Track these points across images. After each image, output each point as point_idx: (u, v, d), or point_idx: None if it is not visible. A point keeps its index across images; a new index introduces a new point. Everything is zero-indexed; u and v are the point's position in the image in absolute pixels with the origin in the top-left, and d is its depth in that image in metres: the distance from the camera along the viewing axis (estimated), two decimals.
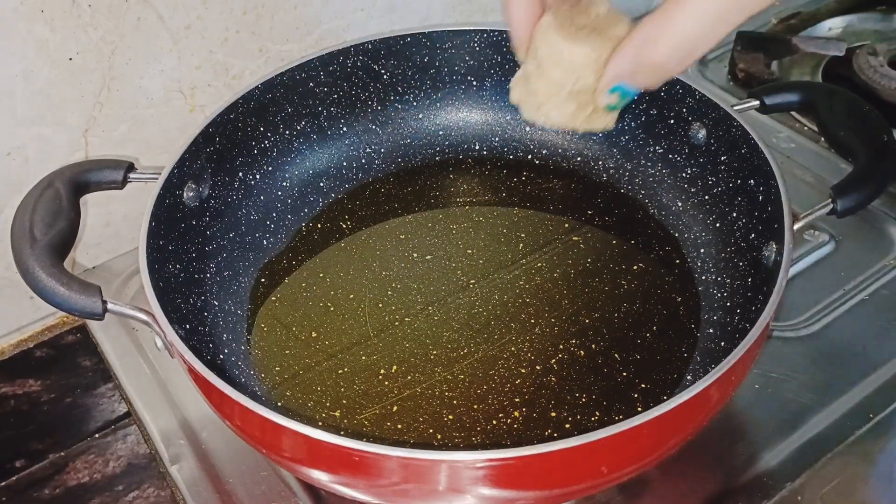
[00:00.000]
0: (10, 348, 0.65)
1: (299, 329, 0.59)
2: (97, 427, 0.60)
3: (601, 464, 0.44)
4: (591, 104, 0.43)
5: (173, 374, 0.61)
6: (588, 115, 0.43)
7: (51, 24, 0.58)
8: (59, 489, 0.56)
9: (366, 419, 0.54)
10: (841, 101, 0.60)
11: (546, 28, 0.42)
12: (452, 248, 0.65)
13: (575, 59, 0.41)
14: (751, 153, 0.58)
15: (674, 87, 0.64)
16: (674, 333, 0.58)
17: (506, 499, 0.45)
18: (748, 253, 0.58)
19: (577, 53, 0.41)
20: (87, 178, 0.55)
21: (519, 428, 0.53)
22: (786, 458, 0.55)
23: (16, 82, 0.58)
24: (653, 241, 0.64)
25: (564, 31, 0.41)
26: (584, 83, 0.42)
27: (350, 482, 0.46)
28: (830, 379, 0.59)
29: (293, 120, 0.67)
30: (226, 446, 0.56)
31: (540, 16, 0.45)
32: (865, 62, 0.80)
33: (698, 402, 0.45)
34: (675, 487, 0.53)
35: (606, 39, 0.41)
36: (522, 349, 0.57)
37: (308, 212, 0.67)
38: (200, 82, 0.67)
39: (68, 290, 0.48)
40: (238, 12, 0.66)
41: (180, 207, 0.58)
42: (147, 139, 0.67)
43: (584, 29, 0.42)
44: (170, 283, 0.54)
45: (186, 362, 0.46)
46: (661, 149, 0.67)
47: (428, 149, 0.72)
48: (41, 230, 0.50)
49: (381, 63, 0.68)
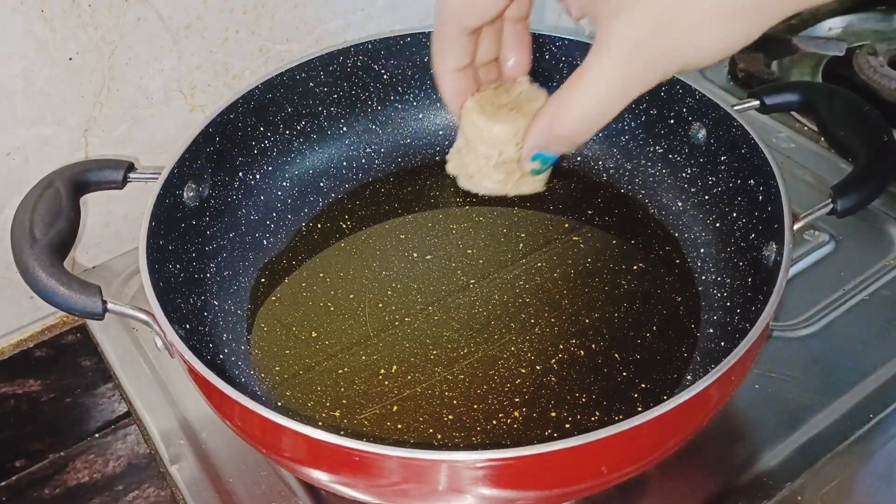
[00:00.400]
0: (10, 348, 0.65)
1: (299, 329, 0.59)
2: (97, 427, 0.60)
3: (601, 464, 0.44)
4: (518, 171, 0.48)
5: (173, 374, 0.61)
6: (516, 180, 0.50)
7: (51, 24, 0.58)
8: (59, 489, 0.56)
9: (366, 419, 0.54)
10: (841, 101, 0.60)
11: (469, 111, 0.48)
12: (452, 248, 0.65)
13: (496, 136, 0.48)
14: (751, 153, 0.58)
15: (674, 87, 0.64)
16: (674, 333, 0.58)
17: (506, 499, 0.45)
18: (748, 253, 0.58)
19: (497, 131, 0.48)
20: (87, 177, 0.55)
21: (519, 428, 0.53)
22: (786, 458, 0.55)
23: (16, 82, 0.58)
24: (653, 241, 0.64)
25: (485, 113, 0.48)
26: (508, 155, 0.48)
27: (350, 482, 0.46)
28: (830, 379, 0.59)
29: (293, 120, 0.67)
30: (226, 446, 0.56)
31: (472, 89, 0.51)
32: (865, 62, 0.80)
33: (698, 402, 0.45)
34: (675, 487, 0.53)
35: (523, 115, 0.47)
36: (522, 349, 0.57)
37: (308, 212, 0.67)
38: (200, 82, 0.67)
39: (68, 289, 0.48)
40: (238, 12, 0.66)
41: (180, 207, 0.58)
42: (147, 139, 0.67)
43: (505, 107, 0.48)
44: (170, 283, 0.54)
45: (186, 362, 0.47)
46: (661, 149, 0.67)
47: (428, 149, 0.72)
48: (41, 230, 0.50)
49: (381, 63, 0.68)
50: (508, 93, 0.50)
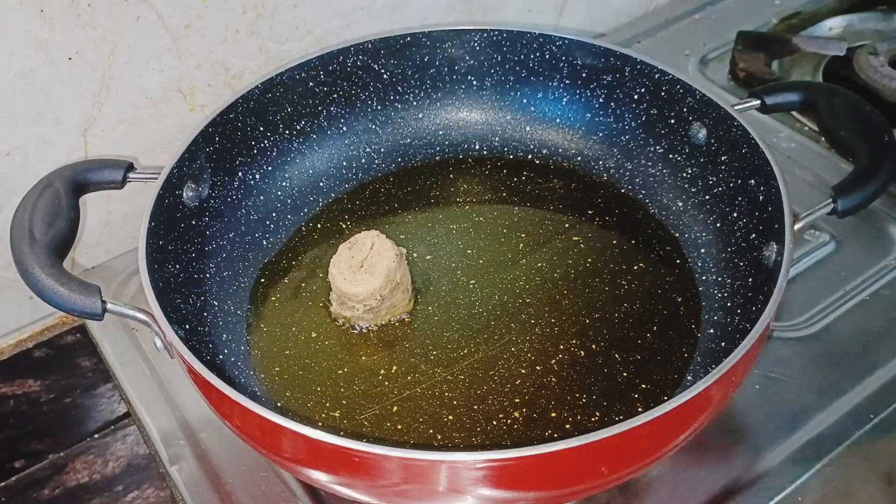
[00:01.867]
0: (10, 348, 0.65)
1: (299, 329, 0.59)
2: (97, 427, 0.60)
3: (601, 464, 0.44)
4: (384, 308, 0.58)
5: (173, 375, 0.61)
6: (384, 314, 0.59)
7: (50, 24, 0.58)
8: (59, 489, 0.56)
9: (366, 419, 0.54)
10: (842, 101, 0.60)
11: (333, 277, 0.58)
12: (452, 248, 0.65)
13: (357, 296, 0.57)
14: (751, 153, 0.58)
15: (674, 86, 0.64)
16: (674, 334, 0.58)
17: (506, 499, 0.45)
18: (749, 253, 0.58)
19: (355, 293, 0.57)
20: (86, 177, 0.55)
21: (519, 428, 0.53)
22: (786, 458, 0.55)
23: (15, 82, 0.58)
24: (653, 241, 0.64)
25: (346, 280, 0.57)
26: (371, 303, 0.57)
27: (350, 483, 0.46)
28: (831, 379, 0.59)
29: (293, 120, 0.67)
30: (226, 446, 0.56)
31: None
32: (866, 62, 0.80)
33: (698, 402, 0.44)
34: (676, 487, 0.53)
35: (376, 276, 0.56)
36: (522, 349, 0.57)
37: (308, 211, 0.67)
38: (200, 82, 0.67)
39: (68, 290, 0.48)
40: (238, 11, 0.66)
41: (180, 207, 0.58)
42: (146, 139, 0.67)
43: (362, 267, 0.57)
44: (169, 283, 0.54)
45: (186, 362, 0.46)
46: (662, 148, 0.67)
47: (428, 148, 0.72)
48: (41, 230, 0.50)
49: (381, 63, 0.68)
50: (361, 250, 0.58)
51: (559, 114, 0.71)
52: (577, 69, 0.68)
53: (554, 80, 0.69)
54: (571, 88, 0.70)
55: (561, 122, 0.71)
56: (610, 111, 0.69)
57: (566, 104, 0.70)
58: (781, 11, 0.91)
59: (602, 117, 0.69)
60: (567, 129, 0.71)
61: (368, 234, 0.59)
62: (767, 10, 0.91)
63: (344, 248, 0.59)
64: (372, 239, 0.58)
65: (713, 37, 0.88)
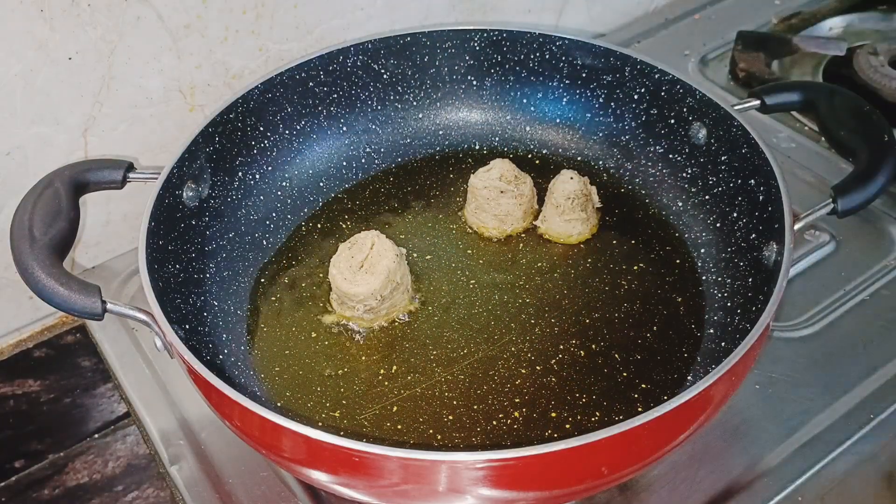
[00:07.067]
0: (10, 348, 0.65)
1: (299, 329, 0.59)
2: (97, 427, 0.60)
3: (601, 464, 0.44)
4: (384, 308, 0.58)
5: (173, 375, 0.61)
6: (385, 312, 0.59)
7: (50, 24, 0.57)
8: (59, 489, 0.56)
9: (366, 420, 0.54)
10: (842, 101, 0.60)
11: (334, 277, 0.58)
12: (452, 249, 0.65)
13: (358, 296, 0.57)
14: (751, 153, 0.58)
15: (674, 86, 0.64)
16: (674, 334, 0.58)
17: (506, 499, 0.45)
18: (749, 253, 0.58)
19: (355, 293, 0.57)
20: (86, 177, 0.55)
21: (519, 428, 0.53)
22: (786, 458, 0.55)
23: (15, 82, 0.58)
24: (653, 241, 0.64)
25: (346, 280, 0.57)
26: (371, 303, 0.58)
27: (350, 483, 0.46)
28: (831, 379, 0.59)
29: (293, 120, 0.67)
30: (226, 446, 0.56)
31: None
32: (866, 62, 0.80)
33: (699, 402, 0.44)
34: (676, 487, 0.53)
35: (376, 276, 0.57)
36: (522, 349, 0.57)
37: (308, 211, 0.67)
38: (200, 82, 0.67)
39: (68, 290, 0.48)
40: (238, 11, 0.66)
41: (180, 207, 0.58)
42: (147, 139, 0.67)
43: (363, 267, 0.57)
44: (169, 283, 0.54)
45: (186, 362, 0.46)
46: (662, 148, 0.67)
47: (428, 148, 0.72)
48: (41, 230, 0.50)
49: (381, 63, 0.68)
50: (361, 250, 0.58)
51: (559, 114, 0.71)
52: (577, 69, 0.68)
53: (554, 80, 0.70)
54: (571, 88, 0.70)
55: (561, 122, 0.71)
56: (610, 111, 0.69)
57: (566, 104, 0.70)
58: (781, 11, 0.91)
59: (602, 117, 0.69)
60: (567, 129, 0.71)
61: (368, 234, 0.59)
62: (767, 10, 0.91)
63: (344, 248, 0.59)
64: (372, 239, 0.58)
65: (713, 37, 0.88)
